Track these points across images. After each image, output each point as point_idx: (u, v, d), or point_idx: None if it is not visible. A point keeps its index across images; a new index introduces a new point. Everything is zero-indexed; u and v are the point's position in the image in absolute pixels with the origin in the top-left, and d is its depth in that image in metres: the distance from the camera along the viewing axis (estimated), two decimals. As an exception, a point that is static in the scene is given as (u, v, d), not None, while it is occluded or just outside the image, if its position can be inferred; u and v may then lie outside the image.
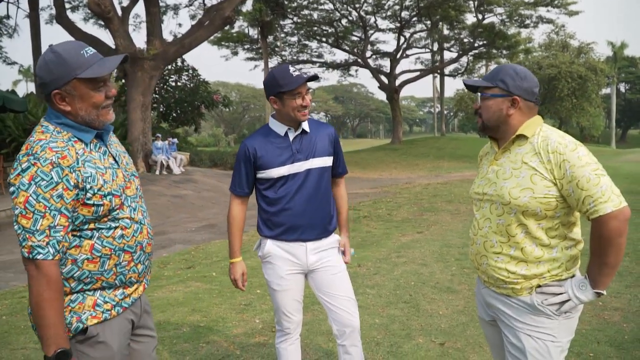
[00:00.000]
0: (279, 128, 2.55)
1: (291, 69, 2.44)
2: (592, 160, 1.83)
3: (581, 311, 2.01)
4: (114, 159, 1.82)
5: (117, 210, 1.75)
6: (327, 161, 2.61)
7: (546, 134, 1.93)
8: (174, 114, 23.12)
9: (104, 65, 1.70)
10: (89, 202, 1.66)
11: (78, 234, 1.69)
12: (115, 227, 1.74)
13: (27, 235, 1.57)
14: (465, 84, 2.14)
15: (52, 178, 1.58)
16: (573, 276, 1.96)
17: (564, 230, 1.93)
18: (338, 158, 2.72)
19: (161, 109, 22.85)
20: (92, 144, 1.75)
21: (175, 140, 18.15)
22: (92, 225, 1.70)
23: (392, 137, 35.56)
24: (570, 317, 1.94)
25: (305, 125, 2.57)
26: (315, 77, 2.51)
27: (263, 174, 2.54)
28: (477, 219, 2.11)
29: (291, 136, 2.54)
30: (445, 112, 53.32)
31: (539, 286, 1.93)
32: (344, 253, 2.75)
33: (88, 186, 1.66)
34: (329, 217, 2.65)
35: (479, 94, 2.06)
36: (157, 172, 16.35)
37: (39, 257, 1.57)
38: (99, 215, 1.70)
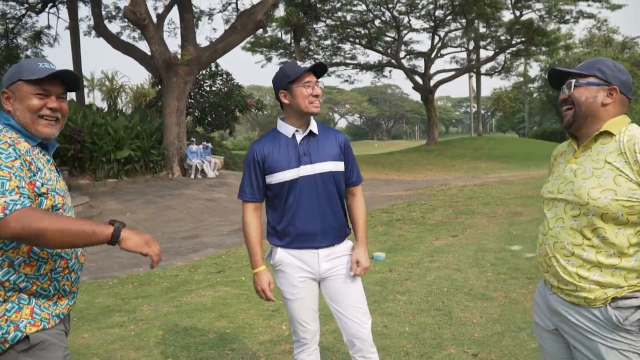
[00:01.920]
0: (287, 130, 2.48)
1: (297, 62, 2.41)
2: None
3: None
4: (57, 170, 1.85)
5: (60, 211, 1.75)
6: (336, 165, 2.50)
7: (632, 132, 1.80)
8: (209, 118, 23.37)
9: (44, 71, 1.74)
10: (37, 190, 1.66)
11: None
12: None
13: None
14: (552, 73, 1.99)
15: (10, 153, 1.61)
16: None
17: None
18: (350, 165, 2.59)
19: (196, 114, 23.15)
20: (37, 148, 1.77)
21: (210, 144, 18.33)
22: None
23: (428, 138, 35.11)
24: None
25: (313, 127, 2.49)
26: (323, 67, 2.44)
27: (271, 178, 2.46)
28: (547, 218, 1.96)
29: (299, 138, 2.47)
30: (482, 111, 52.38)
31: (615, 299, 1.75)
32: (357, 264, 2.56)
33: (39, 174, 1.68)
34: (341, 222, 2.55)
35: (570, 84, 1.91)
36: (192, 176, 16.54)
37: (17, 206, 1.53)
38: (43, 210, 1.67)
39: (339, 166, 2.52)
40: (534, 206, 10.08)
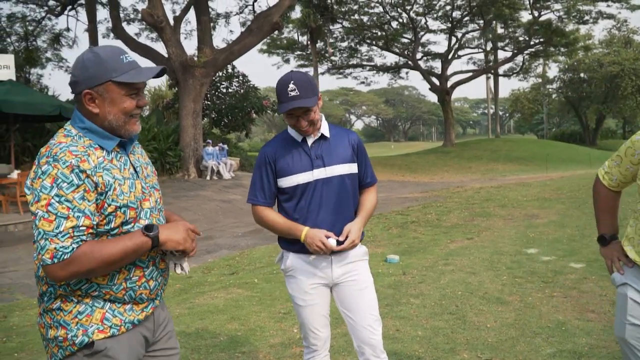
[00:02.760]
0: (297, 134, 2.43)
1: (291, 85, 2.26)
2: None
3: None
4: (134, 169, 1.76)
5: (132, 224, 1.68)
6: (350, 168, 2.45)
7: None
8: (225, 120, 23.50)
9: (142, 73, 1.68)
10: (104, 212, 1.61)
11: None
12: None
13: (50, 239, 1.49)
14: None
15: (72, 180, 1.54)
16: None
17: None
18: (364, 166, 2.54)
19: (212, 115, 23.29)
20: (113, 153, 1.69)
21: (225, 145, 18.42)
22: (103, 238, 1.63)
23: (444, 139, 34.87)
24: None
25: (325, 130, 2.44)
26: (298, 108, 2.27)
27: (283, 182, 2.41)
28: None
29: (310, 142, 2.42)
30: (500, 113, 51.89)
31: None
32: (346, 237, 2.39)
33: (104, 195, 1.60)
34: None
35: None
36: (208, 178, 16.63)
37: (65, 256, 1.50)
38: (112, 227, 1.63)
39: (352, 168, 2.47)
40: (551, 209, 9.93)
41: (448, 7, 31.37)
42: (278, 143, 2.47)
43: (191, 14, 18.83)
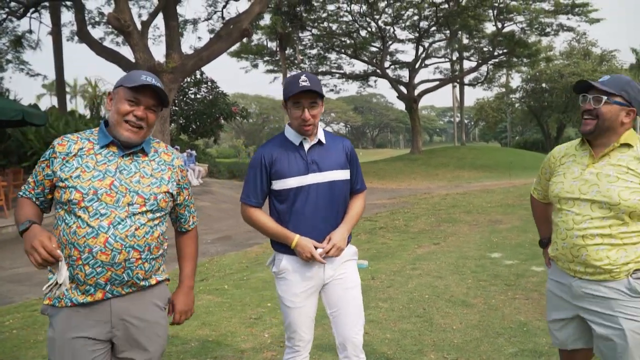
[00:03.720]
0: (295, 137, 2.48)
1: (303, 77, 2.35)
2: None
3: None
4: (118, 169, 2.02)
5: (78, 208, 1.94)
6: (343, 174, 2.52)
7: None
8: (193, 126, 23.34)
9: (141, 81, 2.00)
10: (58, 185, 2.00)
11: (57, 217, 2.01)
12: (72, 223, 1.95)
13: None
14: (582, 84, 2.25)
15: (45, 154, 2.06)
16: None
17: None
18: (355, 173, 2.61)
19: (180, 121, 23.09)
20: (105, 149, 2.04)
21: (194, 152, 18.28)
22: (62, 212, 1.99)
23: (412, 147, 35.33)
24: None
25: (321, 136, 2.51)
26: (313, 91, 2.35)
27: (277, 184, 2.45)
28: (569, 215, 2.24)
29: (306, 146, 2.47)
30: (465, 121, 52.93)
31: (636, 270, 2.12)
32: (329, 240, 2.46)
33: (61, 173, 1.98)
34: None
35: (600, 99, 2.17)
36: (176, 184, 16.45)
37: (19, 194, 2.13)
38: (62, 202, 1.97)
39: (345, 174, 2.53)
40: (514, 214, 10.23)
41: (416, 18, 31.87)
42: (275, 145, 2.50)
43: (159, 20, 18.65)
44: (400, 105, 63.62)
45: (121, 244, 1.95)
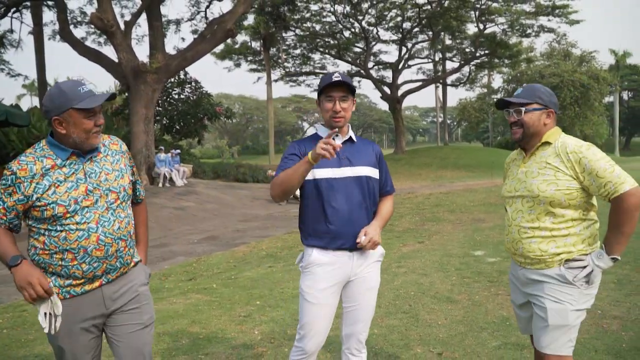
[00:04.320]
0: (326, 134, 2.53)
1: (336, 74, 2.47)
2: (604, 155, 2.30)
3: (598, 286, 2.39)
4: (85, 174, 2.18)
5: (64, 218, 2.11)
6: (373, 172, 2.59)
7: (564, 139, 2.42)
8: (177, 127, 23.24)
9: (95, 99, 2.13)
10: (36, 206, 2.10)
11: (36, 230, 2.14)
12: (61, 231, 2.11)
13: None
14: (501, 102, 2.52)
15: (5, 182, 2.11)
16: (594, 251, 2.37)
17: (584, 212, 2.37)
18: (384, 175, 2.68)
19: (164, 122, 22.98)
20: (68, 161, 2.16)
21: (178, 152, 18.24)
22: (44, 226, 2.13)
23: (395, 147, 35.56)
24: (590, 287, 2.35)
25: (352, 135, 2.60)
26: (345, 83, 2.43)
27: (311, 174, 2.48)
28: (509, 213, 2.54)
29: (338, 142, 2.50)
30: (448, 121, 53.39)
31: (567, 260, 2.35)
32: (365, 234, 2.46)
33: (35, 196, 2.09)
34: None
35: (520, 110, 2.44)
36: (160, 185, 16.42)
37: None
38: (45, 218, 2.11)
39: (375, 173, 2.61)
40: (496, 213, 10.42)
41: (399, 19, 32.12)
42: (308, 140, 2.58)
43: (142, 20, 18.56)
44: (384, 106, 63.97)
45: (111, 237, 2.19)
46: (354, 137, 2.62)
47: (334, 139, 2.36)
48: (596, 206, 2.41)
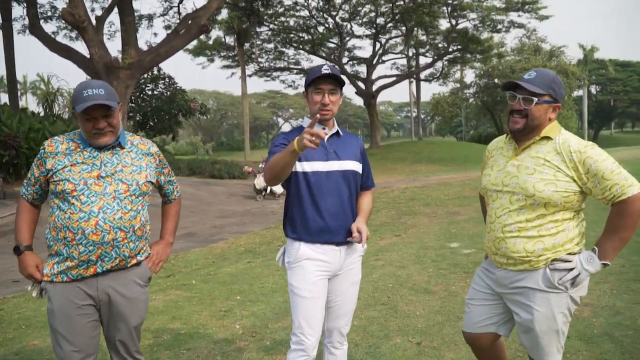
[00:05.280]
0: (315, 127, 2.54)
1: (325, 66, 2.47)
2: (608, 155, 2.15)
3: (587, 287, 2.31)
4: (101, 162, 2.34)
5: (71, 196, 2.27)
6: (358, 166, 2.61)
7: (565, 137, 2.23)
8: (151, 123, 23.00)
9: (85, 105, 2.22)
10: (52, 180, 2.31)
11: (52, 206, 2.34)
12: (67, 210, 2.27)
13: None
14: (512, 84, 2.25)
15: (38, 155, 2.38)
16: (581, 251, 2.24)
17: (574, 211, 2.24)
18: (366, 170, 2.70)
19: (137, 118, 22.70)
20: (88, 148, 2.36)
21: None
22: (57, 201, 2.31)
23: (370, 142, 35.82)
24: (577, 290, 2.23)
25: (338, 128, 2.62)
26: (334, 76, 2.44)
27: (300, 167, 2.49)
28: (494, 208, 2.34)
29: (325, 136, 2.50)
30: (422, 116, 53.88)
31: (553, 260, 2.21)
32: (359, 233, 2.49)
33: (54, 169, 2.31)
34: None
35: (531, 100, 2.19)
36: (135, 182, 16.20)
37: (20, 192, 2.47)
38: (57, 192, 2.29)
39: (359, 167, 2.63)
40: (470, 206, 10.62)
41: (372, 14, 32.32)
42: (296, 132, 2.55)
43: (114, 15, 18.28)
44: (359, 101, 64.26)
45: (109, 225, 2.28)
46: (340, 131, 2.64)
47: (324, 129, 2.47)
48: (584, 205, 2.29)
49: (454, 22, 31.17)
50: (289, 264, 2.56)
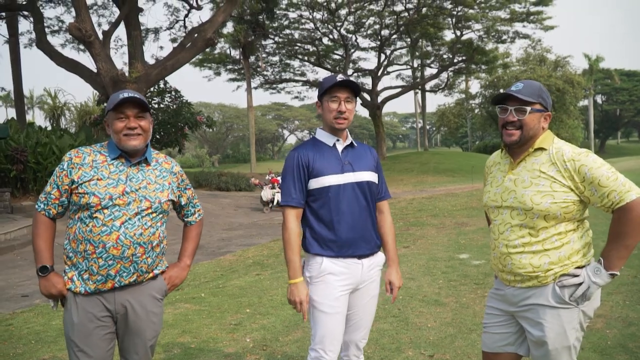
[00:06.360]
0: (327, 139, 2.56)
1: (340, 75, 2.50)
2: (604, 161, 2.11)
3: (599, 298, 2.26)
4: (127, 177, 2.36)
5: (94, 210, 2.27)
6: (373, 177, 2.61)
7: (559, 145, 2.19)
8: (157, 136, 23.02)
9: (121, 96, 2.31)
10: (76, 192, 2.31)
11: (73, 218, 2.34)
12: (89, 223, 2.28)
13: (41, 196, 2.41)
14: (503, 95, 2.22)
15: (62, 166, 2.35)
16: (589, 262, 2.18)
17: (578, 222, 2.19)
18: (381, 180, 2.70)
19: (144, 131, 22.74)
20: (115, 161, 2.38)
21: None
22: (79, 214, 2.32)
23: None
24: (590, 304, 2.18)
25: (352, 140, 2.61)
26: (352, 83, 2.48)
27: (315, 182, 2.49)
28: (496, 224, 2.31)
29: (339, 147, 2.55)
30: (427, 127, 53.89)
31: (562, 275, 2.15)
32: (391, 290, 2.70)
33: (80, 181, 2.31)
34: (375, 231, 2.63)
35: (524, 110, 2.16)
36: (142, 195, 16.24)
37: (37, 208, 2.40)
38: (81, 205, 2.29)
39: (375, 177, 2.62)
40: (478, 217, 10.57)
41: (377, 26, 32.47)
42: (309, 146, 2.57)
43: (121, 29, 18.45)
44: (364, 112, 64.35)
45: (130, 240, 2.30)
46: (354, 143, 2.63)
47: (334, 145, 2.55)
48: (588, 214, 2.25)
49: (458, 33, 31.24)
50: (310, 278, 2.54)
